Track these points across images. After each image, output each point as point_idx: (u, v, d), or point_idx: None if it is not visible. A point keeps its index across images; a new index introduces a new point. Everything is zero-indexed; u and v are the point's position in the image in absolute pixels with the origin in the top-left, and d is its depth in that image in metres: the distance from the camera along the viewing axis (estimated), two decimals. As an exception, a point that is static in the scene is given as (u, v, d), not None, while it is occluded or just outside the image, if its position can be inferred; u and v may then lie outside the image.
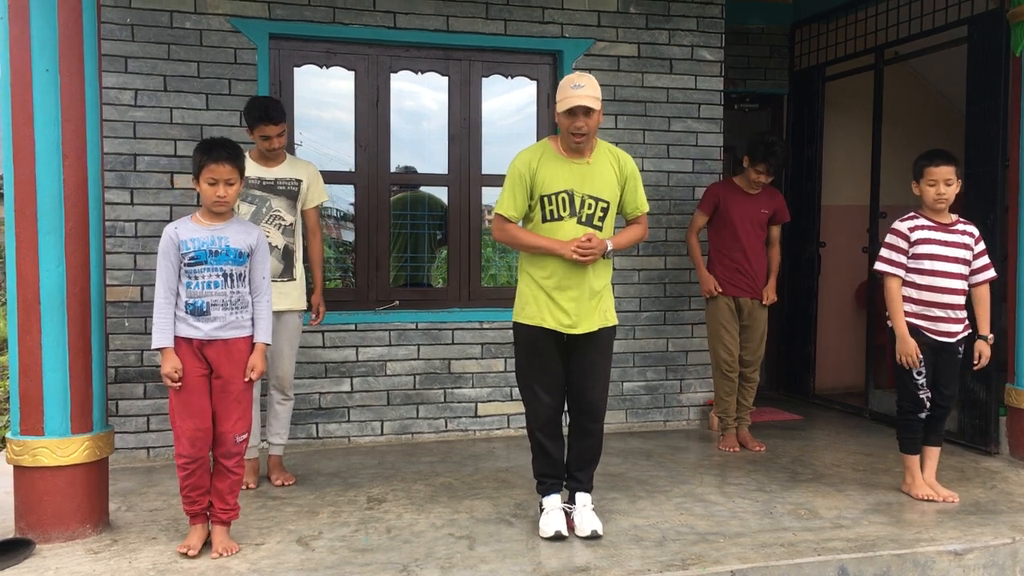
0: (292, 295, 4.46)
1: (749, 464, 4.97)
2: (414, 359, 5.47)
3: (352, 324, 5.38)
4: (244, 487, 4.29)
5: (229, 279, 3.51)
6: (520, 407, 5.55)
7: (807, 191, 6.93)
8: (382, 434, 5.45)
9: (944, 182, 4.13)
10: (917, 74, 7.09)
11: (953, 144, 5.69)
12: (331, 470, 4.79)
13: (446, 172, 5.62)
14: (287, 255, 4.47)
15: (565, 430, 3.88)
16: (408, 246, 5.85)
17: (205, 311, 3.47)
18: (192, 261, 3.47)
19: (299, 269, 4.52)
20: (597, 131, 3.81)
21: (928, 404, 4.25)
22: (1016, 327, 5.07)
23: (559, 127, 3.68)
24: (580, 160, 3.70)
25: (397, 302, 5.53)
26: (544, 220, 3.69)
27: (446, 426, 5.53)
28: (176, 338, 3.48)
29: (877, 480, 4.58)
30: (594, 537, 3.66)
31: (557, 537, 3.63)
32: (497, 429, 5.60)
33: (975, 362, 4.31)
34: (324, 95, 5.60)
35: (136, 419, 4.99)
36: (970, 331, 4.28)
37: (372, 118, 5.46)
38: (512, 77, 5.69)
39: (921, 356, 4.18)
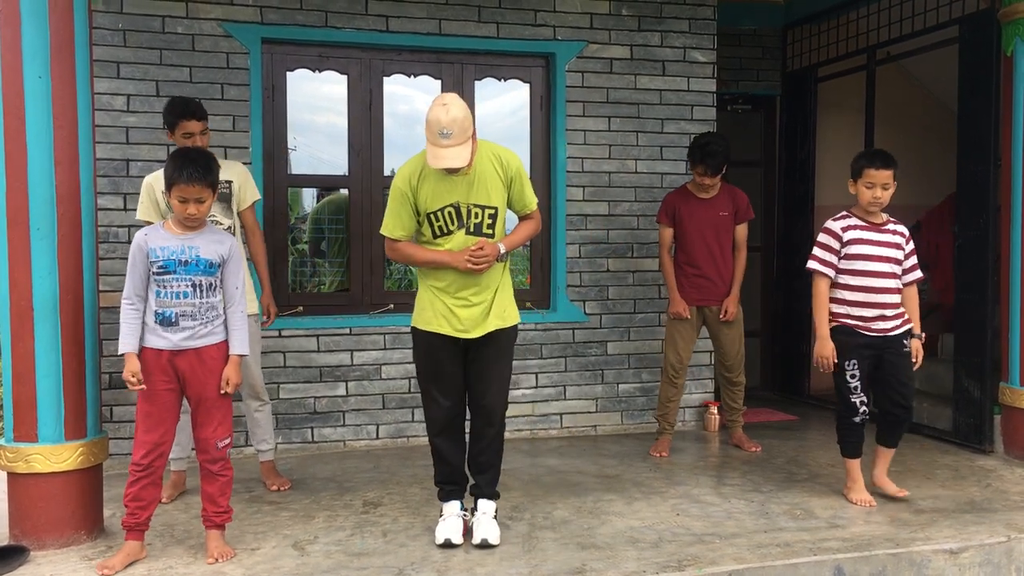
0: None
1: (745, 465, 4.97)
2: (409, 362, 5.45)
3: (347, 328, 5.37)
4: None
5: (199, 289, 3.45)
6: (514, 410, 5.59)
7: (800, 192, 6.94)
8: (377, 438, 5.44)
9: (882, 186, 4.08)
10: (909, 74, 7.11)
11: (945, 144, 5.72)
12: (326, 474, 4.78)
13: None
14: None
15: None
16: (341, 250, 5.80)
17: (174, 321, 3.42)
18: (161, 270, 3.40)
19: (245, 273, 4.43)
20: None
21: (863, 408, 4.17)
22: (1009, 326, 5.08)
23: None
24: (461, 172, 3.59)
25: (392, 305, 5.53)
26: (435, 236, 3.65)
27: (442, 429, 5.52)
28: (146, 349, 3.43)
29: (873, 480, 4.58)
30: (484, 546, 3.59)
31: (447, 544, 3.59)
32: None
33: (912, 360, 4.21)
34: (317, 99, 5.60)
35: (130, 425, 4.96)
36: (910, 325, 4.20)
37: (365, 122, 5.46)
38: (505, 80, 5.69)
39: (853, 361, 4.13)
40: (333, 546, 3.66)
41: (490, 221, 3.66)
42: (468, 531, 3.71)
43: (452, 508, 3.74)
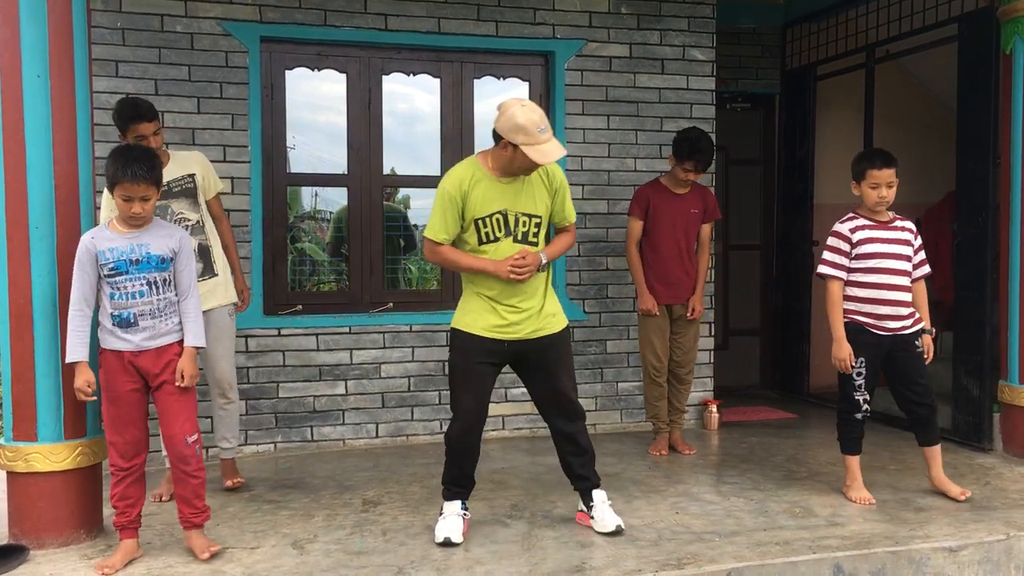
0: (217, 292, 4.31)
1: (744, 463, 4.98)
2: (408, 361, 5.47)
3: (346, 327, 5.37)
4: (157, 499, 4.23)
5: (154, 286, 3.40)
6: (515, 408, 5.60)
7: (800, 190, 6.94)
8: (377, 436, 5.44)
9: (886, 185, 4.09)
10: (908, 72, 7.11)
11: (945, 142, 5.72)
12: (326, 473, 4.78)
13: (439, 174, 5.61)
14: (203, 253, 4.27)
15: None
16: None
17: (132, 322, 3.37)
18: (112, 272, 3.35)
19: (220, 264, 4.36)
20: None
21: (865, 405, 4.18)
22: (1009, 325, 5.08)
23: (503, 151, 3.53)
24: (511, 179, 3.65)
25: (391, 304, 5.53)
26: (480, 243, 3.65)
27: (441, 428, 5.51)
28: (106, 351, 3.40)
29: (871, 478, 4.57)
30: (619, 532, 3.68)
31: (446, 543, 3.59)
32: (492, 431, 5.59)
33: (924, 356, 4.22)
34: (316, 98, 5.60)
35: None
36: (922, 324, 4.21)
37: (364, 121, 5.46)
38: (504, 78, 5.69)
39: (861, 359, 4.14)
40: (333, 545, 3.66)
41: (536, 230, 3.69)
42: (468, 530, 3.72)
43: (453, 507, 3.74)
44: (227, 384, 4.40)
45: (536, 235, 3.70)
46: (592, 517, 3.80)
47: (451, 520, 3.69)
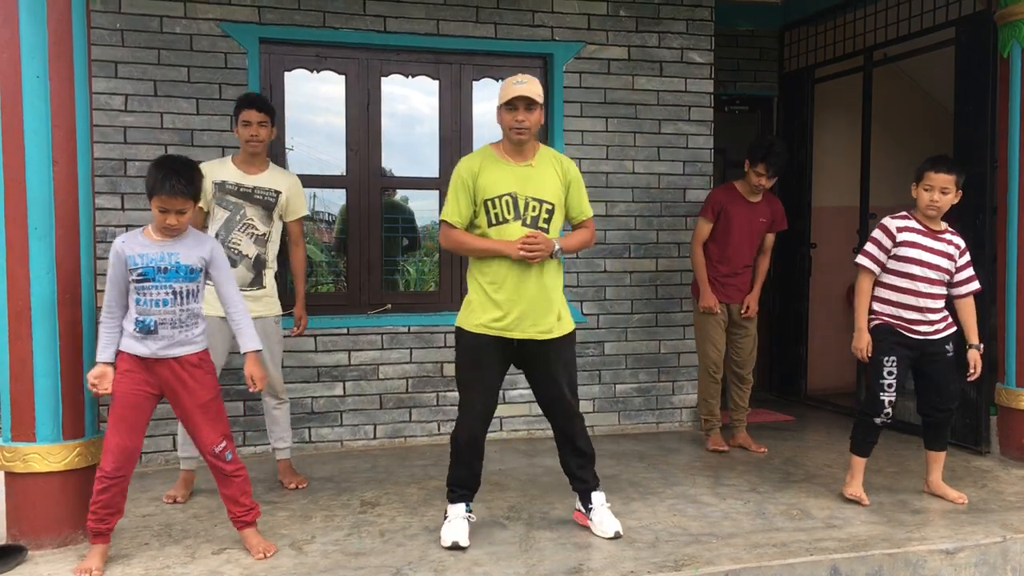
0: (262, 301, 4.36)
1: (741, 465, 4.98)
2: (407, 362, 5.47)
3: (344, 328, 5.37)
4: (171, 500, 4.23)
5: (179, 297, 3.41)
6: (513, 410, 5.60)
7: (797, 193, 6.95)
8: (375, 438, 5.44)
9: (940, 190, 4.08)
10: (906, 76, 7.13)
11: (942, 145, 5.72)
12: (324, 474, 4.78)
13: (437, 175, 5.61)
14: (258, 264, 4.36)
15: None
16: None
17: (153, 329, 3.38)
18: (140, 278, 3.37)
19: (269, 279, 4.42)
20: (537, 133, 3.79)
21: (888, 409, 4.15)
22: (1006, 328, 5.09)
23: (501, 125, 3.70)
24: (522, 163, 3.70)
25: (389, 305, 5.53)
26: (490, 224, 3.67)
27: (439, 429, 5.53)
28: (124, 353, 3.41)
29: (868, 480, 4.57)
30: (618, 537, 3.68)
31: (454, 547, 3.58)
32: (490, 432, 5.53)
33: (970, 371, 4.24)
34: (315, 99, 5.60)
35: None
36: (955, 329, 4.22)
37: (363, 122, 5.46)
38: (503, 80, 5.68)
39: (892, 358, 4.14)
40: (331, 546, 3.66)
41: (547, 216, 3.70)
42: (471, 533, 3.70)
43: (458, 510, 3.72)
44: (279, 387, 4.50)
45: (547, 222, 3.70)
46: (591, 520, 3.81)
47: (457, 523, 3.67)
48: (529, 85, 3.64)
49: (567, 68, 5.66)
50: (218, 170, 4.34)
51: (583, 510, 3.86)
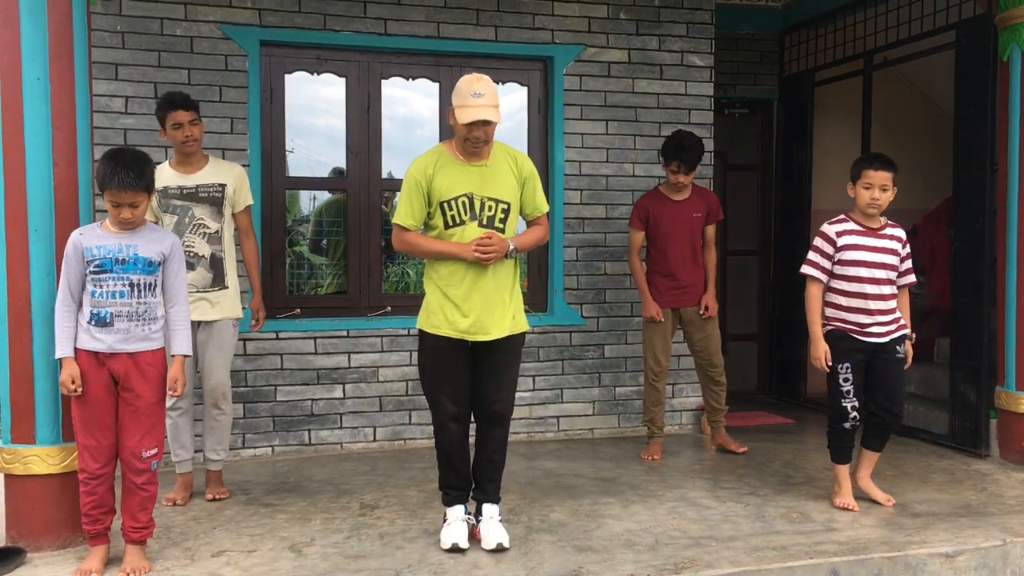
0: (224, 303, 4.29)
1: (741, 468, 4.98)
2: (406, 365, 5.47)
3: (344, 330, 5.37)
4: (171, 503, 4.20)
5: (136, 289, 3.36)
6: (513, 413, 5.58)
7: (798, 195, 6.95)
8: (375, 440, 5.44)
9: (880, 187, 4.06)
10: (906, 79, 7.13)
11: (942, 148, 5.73)
12: (323, 477, 4.78)
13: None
14: (215, 264, 4.28)
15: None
16: (340, 253, 5.77)
17: (108, 322, 3.32)
18: (97, 269, 3.31)
19: (232, 277, 4.33)
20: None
21: (853, 414, 4.13)
22: (1006, 331, 5.09)
23: (454, 128, 3.61)
24: (478, 163, 3.65)
25: (389, 308, 5.53)
26: (447, 226, 3.64)
27: (439, 432, 5.52)
28: (79, 351, 3.35)
29: (869, 483, 4.60)
30: (499, 550, 3.58)
31: (455, 549, 3.56)
32: (490, 435, 5.59)
33: (905, 362, 4.21)
34: (315, 101, 5.61)
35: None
36: (907, 330, 4.19)
37: (363, 124, 5.46)
38: (503, 83, 5.69)
39: (846, 364, 4.12)
40: (330, 548, 3.66)
41: (503, 216, 3.66)
42: (472, 535, 3.69)
43: (457, 512, 3.71)
44: (221, 395, 4.33)
45: (503, 221, 3.66)
46: (480, 530, 3.70)
47: (456, 525, 3.65)
48: (487, 98, 3.52)
49: (567, 71, 5.67)
50: (157, 177, 4.02)
51: (474, 520, 3.75)
